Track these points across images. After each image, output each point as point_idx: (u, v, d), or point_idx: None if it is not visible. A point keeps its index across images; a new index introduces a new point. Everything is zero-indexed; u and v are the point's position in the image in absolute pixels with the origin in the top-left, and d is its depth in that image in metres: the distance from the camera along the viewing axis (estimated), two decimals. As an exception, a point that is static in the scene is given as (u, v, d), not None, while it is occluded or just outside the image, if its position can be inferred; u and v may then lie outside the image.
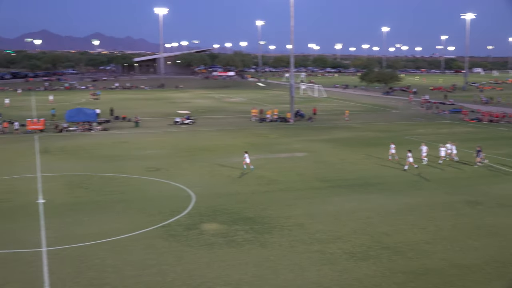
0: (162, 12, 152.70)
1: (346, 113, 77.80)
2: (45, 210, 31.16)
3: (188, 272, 22.46)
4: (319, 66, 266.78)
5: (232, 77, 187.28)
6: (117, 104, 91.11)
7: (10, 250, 24.80)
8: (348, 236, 27.02)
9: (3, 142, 56.10)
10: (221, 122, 73.99)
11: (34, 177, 39.55)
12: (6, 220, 29.47)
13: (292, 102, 77.02)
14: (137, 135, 61.23)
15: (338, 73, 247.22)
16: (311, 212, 31.12)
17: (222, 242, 26.11)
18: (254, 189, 36.57)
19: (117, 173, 41.15)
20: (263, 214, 30.65)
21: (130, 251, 24.78)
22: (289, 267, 23.05)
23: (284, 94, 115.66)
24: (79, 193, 35.31)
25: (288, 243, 25.96)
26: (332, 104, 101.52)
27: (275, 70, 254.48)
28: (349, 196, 34.84)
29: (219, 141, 56.98)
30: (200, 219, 29.72)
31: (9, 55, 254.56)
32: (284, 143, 56.12)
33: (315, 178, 39.98)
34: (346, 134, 63.04)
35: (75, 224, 28.71)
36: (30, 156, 47.83)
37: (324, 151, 51.27)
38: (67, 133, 62.68)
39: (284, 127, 69.63)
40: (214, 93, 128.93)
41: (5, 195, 34.58)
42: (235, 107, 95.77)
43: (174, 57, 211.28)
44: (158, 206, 32.14)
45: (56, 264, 23.18)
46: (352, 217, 30.28)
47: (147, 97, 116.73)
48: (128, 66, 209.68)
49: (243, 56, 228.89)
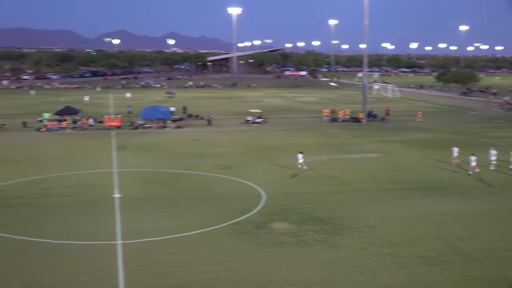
0: (236, 12, 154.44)
1: (419, 114, 75.88)
2: (121, 204, 32.18)
3: (258, 270, 22.56)
4: (393, 66, 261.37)
5: (304, 77, 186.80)
6: (190, 103, 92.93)
7: (87, 242, 25.76)
8: (420, 240, 26.33)
9: (83, 137, 58.40)
10: (292, 121, 73.92)
11: (111, 172, 40.93)
12: (84, 212, 30.64)
13: (364, 102, 75.87)
14: (209, 133, 62.16)
15: (413, 73, 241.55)
16: (382, 214, 30.55)
17: (292, 241, 26.06)
18: (324, 189, 36.29)
19: (189, 170, 41.93)
20: (333, 215, 30.37)
21: (201, 247, 25.16)
22: (359, 269, 22.72)
23: (357, 94, 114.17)
24: (153, 188, 36.23)
25: (359, 245, 25.59)
26: (405, 105, 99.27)
27: (348, 69, 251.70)
28: (422, 199, 33.94)
29: (290, 140, 56.93)
30: (270, 218, 29.79)
31: (89, 54, 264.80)
32: (356, 143, 55.39)
33: (387, 179, 39.22)
34: (420, 135, 61.45)
35: (149, 219, 29.46)
36: (107, 152, 49.55)
37: (397, 152, 50.20)
38: (142, 130, 64.49)
39: (356, 127, 68.74)
40: (285, 92, 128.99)
41: (83, 188, 35.98)
42: (306, 106, 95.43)
43: (246, 56, 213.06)
44: (228, 203, 32.49)
45: (129, 257, 23.88)
46: (424, 220, 29.48)
47: (219, 95, 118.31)
48: (201, 65, 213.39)
49: (315, 56, 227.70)
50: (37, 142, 55.10)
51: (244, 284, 21.31)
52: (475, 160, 40.02)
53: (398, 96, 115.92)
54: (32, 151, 49.88)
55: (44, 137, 58.64)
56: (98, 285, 21.06)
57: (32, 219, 29.32)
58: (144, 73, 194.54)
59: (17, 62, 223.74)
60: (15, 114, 78.35)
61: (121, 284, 21.18)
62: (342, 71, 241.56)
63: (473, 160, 39.96)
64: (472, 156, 40.22)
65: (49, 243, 25.49)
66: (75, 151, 49.91)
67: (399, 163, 45.25)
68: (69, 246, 25.22)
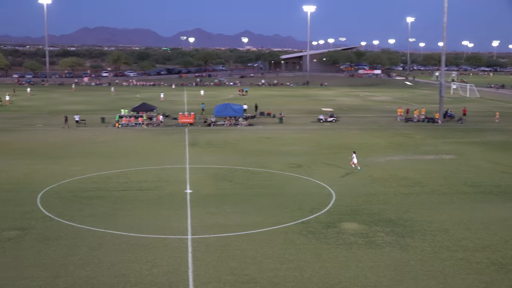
0: (310, 10, 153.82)
1: (497, 115, 72.90)
2: (192, 200, 32.82)
3: (326, 270, 22.42)
4: (473, 65, 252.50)
5: (378, 75, 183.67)
6: (262, 101, 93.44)
7: (159, 236, 26.45)
8: (498, 246, 25.31)
9: (157, 133, 59.98)
10: (364, 120, 72.88)
11: (183, 168, 41.81)
12: (157, 207, 31.47)
13: (441, 102, 73.65)
14: (280, 131, 62.28)
15: (494, 72, 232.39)
16: (457, 218, 29.60)
17: (361, 242, 25.72)
18: (396, 190, 35.57)
19: (260, 167, 42.19)
20: (405, 217, 29.73)
21: (270, 245, 25.27)
22: (431, 274, 22.12)
23: (433, 93, 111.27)
24: (224, 185, 36.71)
25: (431, 249, 24.91)
26: (484, 105, 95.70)
27: (424, 68, 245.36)
28: (501, 204, 32.62)
29: (362, 140, 56.16)
30: (340, 217, 29.52)
31: (166, 52, 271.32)
32: (431, 144, 53.93)
33: (463, 182, 37.95)
34: (499, 137, 59.08)
35: (219, 215, 29.88)
36: (180, 148, 50.66)
37: (474, 154, 48.50)
38: (214, 127, 65.44)
39: (431, 127, 66.92)
40: (359, 91, 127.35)
41: (157, 183, 36.96)
42: (380, 106, 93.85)
43: (320, 55, 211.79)
44: (298, 202, 32.45)
45: (200, 252, 24.32)
46: (503, 226, 28.32)
47: (291, 94, 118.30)
48: (274, 63, 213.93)
49: (390, 54, 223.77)
50: (115, 137, 57.07)
51: (311, 283, 21.22)
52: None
53: (476, 96, 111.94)
54: (111, 146, 51.74)
55: (121, 132, 60.65)
56: (169, 279, 21.57)
57: (112, 211, 30.45)
58: (218, 71, 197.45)
59: (97, 60, 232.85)
60: (95, 110, 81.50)
61: (190, 278, 21.61)
62: (418, 70, 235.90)
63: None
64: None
65: (127, 236, 26.38)
66: (150, 147, 51.35)
67: (476, 165, 43.69)
68: (144, 239, 25.99)
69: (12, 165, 42.33)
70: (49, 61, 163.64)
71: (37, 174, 39.45)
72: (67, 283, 21.04)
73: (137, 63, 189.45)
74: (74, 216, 29.37)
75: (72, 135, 58.18)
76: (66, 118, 64.72)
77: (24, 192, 34.30)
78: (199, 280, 21.45)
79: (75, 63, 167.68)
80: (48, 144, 52.26)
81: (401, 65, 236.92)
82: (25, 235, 26.37)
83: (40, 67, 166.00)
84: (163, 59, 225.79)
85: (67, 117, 65.27)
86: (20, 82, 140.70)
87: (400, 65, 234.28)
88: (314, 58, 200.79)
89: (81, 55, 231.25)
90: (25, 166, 41.93)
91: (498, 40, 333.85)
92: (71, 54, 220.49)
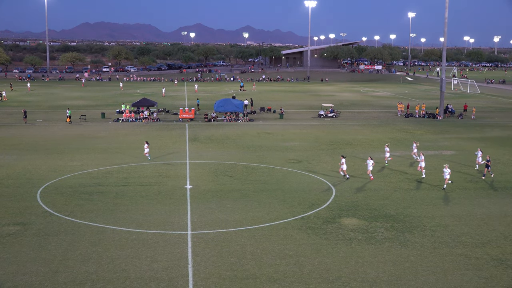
0: (311, 5, 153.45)
1: (473, 111, 72.10)
2: (192, 195, 32.82)
3: (325, 266, 22.44)
4: (474, 60, 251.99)
5: (379, 71, 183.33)
6: (263, 96, 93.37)
7: (159, 231, 26.47)
8: (497, 242, 25.33)
9: (157, 129, 59.95)
10: (365, 116, 72.82)
11: (183, 163, 41.81)
12: (157, 202, 31.48)
13: (441, 97, 73.56)
14: (280, 127, 62.24)
15: (495, 68, 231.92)
16: (457, 214, 29.61)
17: (361, 238, 25.74)
18: (396, 186, 35.57)
19: (260, 163, 42.18)
20: (405, 212, 29.74)
21: (270, 240, 25.29)
22: (430, 269, 22.14)
23: (434, 89, 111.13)
24: (224, 180, 36.71)
25: (431, 244, 24.93)
26: (485, 101, 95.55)
27: (425, 63, 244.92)
28: (501, 199, 32.62)
29: (362, 135, 56.13)
30: (340, 213, 29.53)
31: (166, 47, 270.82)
32: (431, 140, 53.89)
33: (463, 178, 37.95)
34: (500, 133, 59.03)
35: (219, 210, 29.89)
36: (180, 143, 50.64)
37: (474, 150, 48.35)
38: (215, 122, 65.41)
39: (431, 123, 66.85)
40: (359, 86, 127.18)
41: (157, 178, 36.96)
42: (380, 101, 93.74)
43: (320, 50, 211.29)
44: (298, 197, 32.46)
45: (200, 247, 24.34)
46: (503, 221, 28.35)
47: (292, 89, 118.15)
48: (275, 59, 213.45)
49: (392, 49, 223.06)
50: (115, 132, 57.04)
51: (311, 279, 21.24)
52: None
53: (477, 92, 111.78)
54: (111, 141, 51.71)
55: (121, 128, 60.61)
56: (169, 274, 21.59)
57: (112, 207, 30.45)
58: (219, 66, 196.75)
59: (98, 55, 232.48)
60: (95, 106, 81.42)
61: (190, 273, 21.63)
62: (418, 65, 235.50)
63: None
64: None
65: (127, 231, 26.40)
66: (150, 142, 51.22)
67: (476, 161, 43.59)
68: (144, 234, 26.01)
69: (12, 161, 42.35)
70: (50, 56, 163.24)
71: (37, 169, 39.47)
72: (67, 278, 21.08)
73: (138, 58, 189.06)
74: (74, 212, 29.41)
75: (72, 130, 58.15)
76: (25, 113, 64.64)
77: (24, 188, 34.34)
78: (198, 275, 21.47)
79: (75, 58, 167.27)
80: (48, 139, 52.25)
81: (402, 60, 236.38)
82: (25, 231, 26.40)
83: (40, 62, 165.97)
84: (164, 55, 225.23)
85: (26, 111, 65.19)
86: (21, 77, 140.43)
87: (401, 61, 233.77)
88: (315, 54, 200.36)
89: (81, 50, 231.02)
90: (25, 162, 41.94)
91: (499, 36, 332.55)
92: (71, 49, 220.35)
